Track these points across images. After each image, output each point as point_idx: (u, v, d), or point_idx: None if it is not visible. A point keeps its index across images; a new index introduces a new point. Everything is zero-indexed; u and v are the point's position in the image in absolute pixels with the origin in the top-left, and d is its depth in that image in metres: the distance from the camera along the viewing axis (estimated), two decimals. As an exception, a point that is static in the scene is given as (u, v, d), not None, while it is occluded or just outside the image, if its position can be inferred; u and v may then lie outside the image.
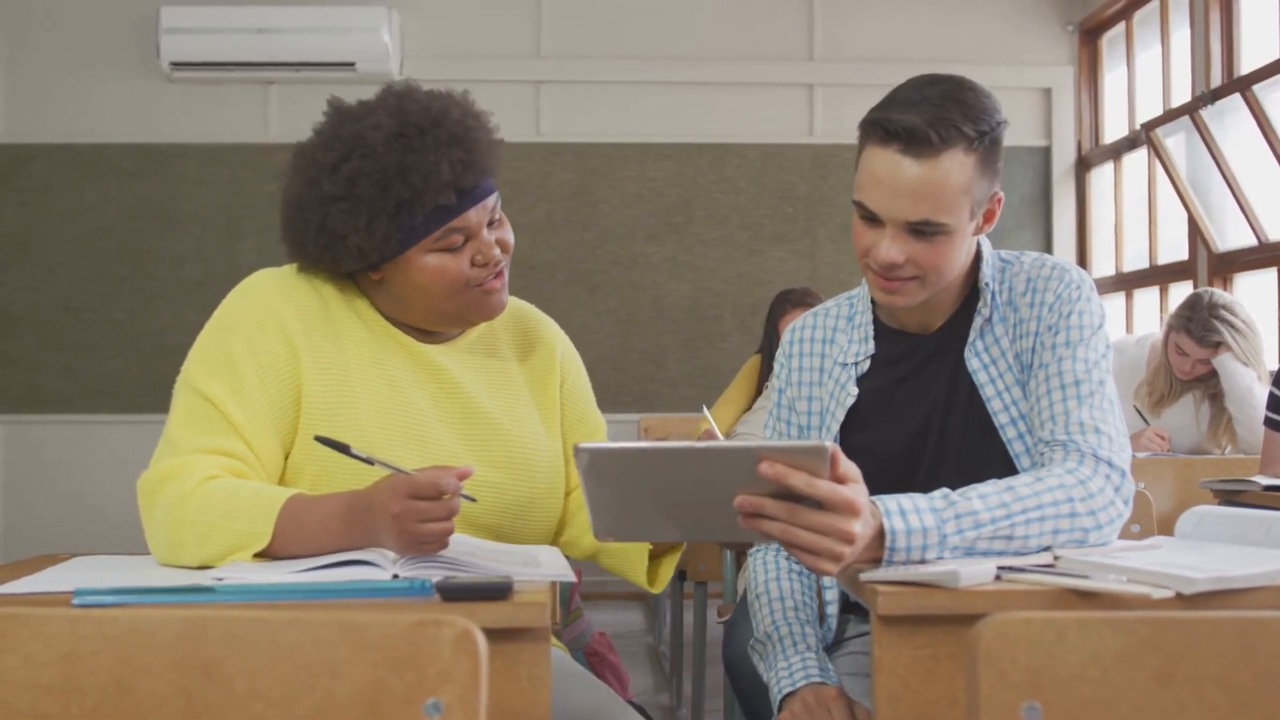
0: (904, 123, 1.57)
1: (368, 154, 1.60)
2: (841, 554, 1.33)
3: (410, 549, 1.42)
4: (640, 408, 5.98)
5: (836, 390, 1.76)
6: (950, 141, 1.57)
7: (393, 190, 1.59)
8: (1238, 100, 4.69)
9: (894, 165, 1.58)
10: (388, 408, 1.65)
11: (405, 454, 1.62)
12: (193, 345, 1.67)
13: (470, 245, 1.65)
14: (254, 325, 1.64)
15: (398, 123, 1.62)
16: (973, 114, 1.58)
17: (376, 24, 5.70)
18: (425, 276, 1.64)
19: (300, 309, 1.66)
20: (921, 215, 1.59)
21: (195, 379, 1.62)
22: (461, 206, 1.63)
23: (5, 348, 5.91)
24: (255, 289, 1.68)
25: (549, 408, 1.80)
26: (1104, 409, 1.61)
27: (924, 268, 1.62)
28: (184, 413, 1.61)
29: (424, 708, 0.95)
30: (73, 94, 5.93)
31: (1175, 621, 1.00)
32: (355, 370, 1.66)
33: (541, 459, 1.75)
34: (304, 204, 1.64)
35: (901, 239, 1.61)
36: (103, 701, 0.96)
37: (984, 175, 1.61)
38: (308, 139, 1.68)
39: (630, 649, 4.76)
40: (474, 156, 1.64)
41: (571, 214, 6.01)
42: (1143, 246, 5.66)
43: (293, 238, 1.68)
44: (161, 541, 1.55)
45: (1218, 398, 3.88)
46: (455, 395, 1.71)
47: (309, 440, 1.61)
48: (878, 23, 6.07)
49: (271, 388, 1.62)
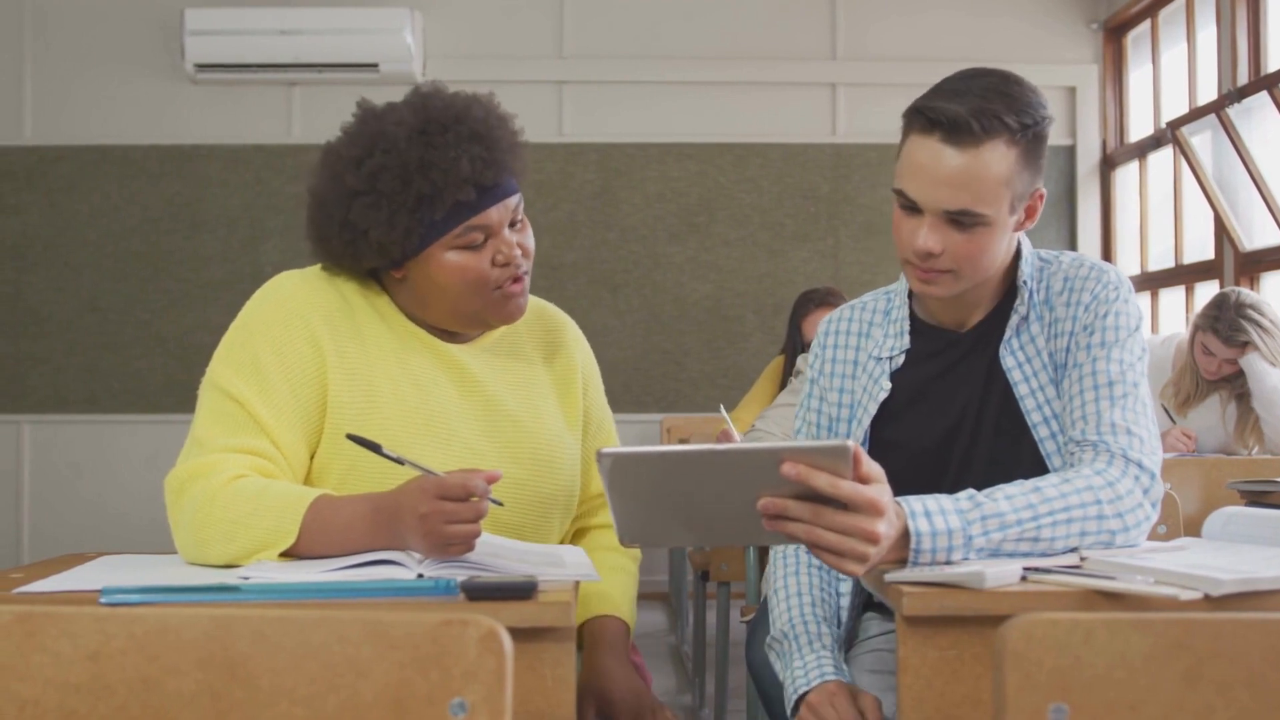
0: (947, 112, 1.57)
1: (390, 149, 1.61)
2: (866, 554, 1.33)
3: (436, 550, 1.42)
4: (662, 408, 5.98)
5: (869, 384, 1.76)
6: (992, 132, 1.57)
7: (413, 185, 1.60)
8: (1264, 98, 4.66)
9: (935, 154, 1.59)
10: (412, 406, 1.66)
11: (430, 451, 1.63)
12: (217, 346, 1.68)
13: (491, 244, 1.66)
14: (279, 325, 1.64)
15: (420, 119, 1.63)
16: (1017, 106, 1.58)
17: (399, 25, 5.71)
18: (445, 274, 1.64)
19: (324, 309, 1.67)
20: (961, 205, 1.59)
21: (221, 379, 1.63)
22: (482, 204, 1.64)
23: (31, 348, 5.95)
24: (279, 290, 1.69)
25: (572, 408, 1.81)
26: (1137, 411, 1.60)
27: (960, 259, 1.62)
28: (210, 412, 1.62)
29: (449, 707, 0.95)
30: (98, 96, 5.97)
31: (1203, 623, 0.99)
32: (379, 369, 1.66)
33: (563, 456, 1.75)
34: (328, 200, 1.65)
35: (940, 229, 1.61)
36: (129, 699, 0.97)
37: (1026, 169, 1.61)
38: (336, 138, 1.70)
39: (653, 649, 4.76)
40: (494, 154, 1.65)
41: (594, 214, 6.01)
42: (1168, 245, 5.63)
43: (317, 234, 1.69)
44: (188, 539, 1.56)
45: (1244, 398, 3.85)
46: (478, 393, 1.71)
47: (335, 440, 1.62)
48: (901, 22, 6.05)
49: (298, 387, 1.62)
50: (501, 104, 1.74)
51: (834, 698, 1.59)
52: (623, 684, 1.65)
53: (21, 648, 0.97)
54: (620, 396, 5.91)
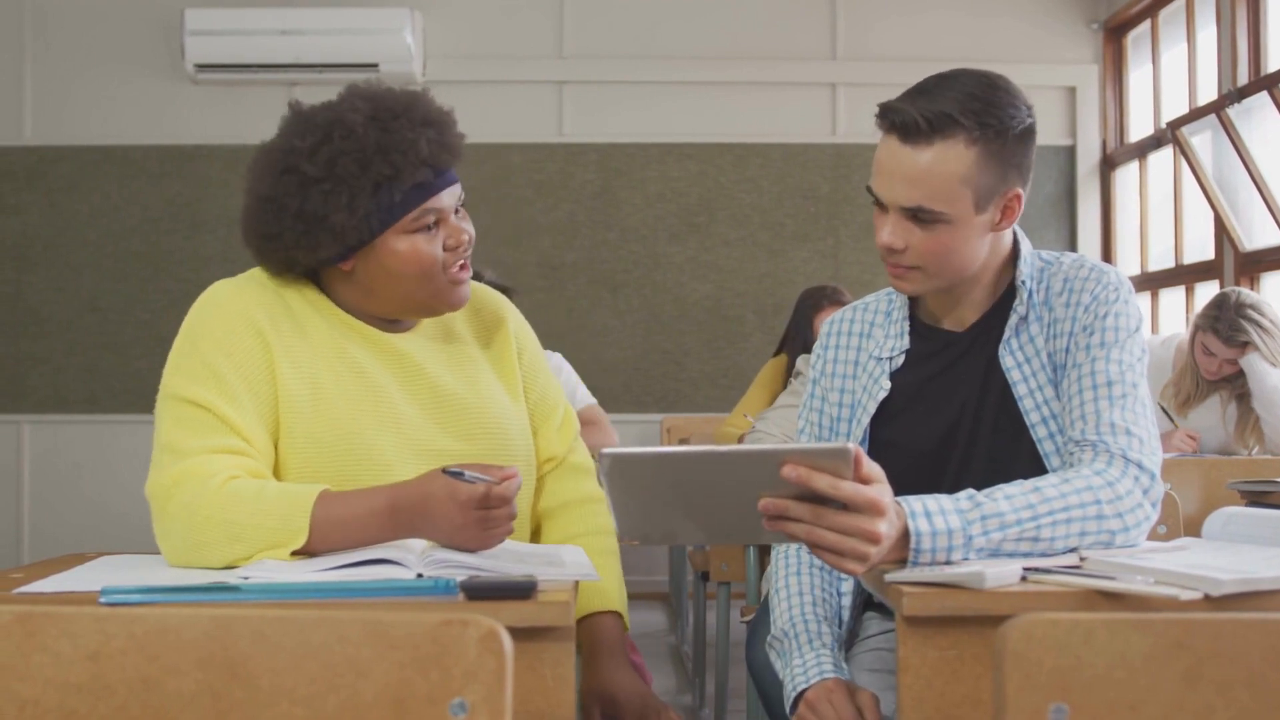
0: (900, 113, 1.61)
1: (347, 135, 1.64)
2: (867, 554, 1.33)
3: (464, 549, 1.47)
4: (662, 408, 5.98)
5: (869, 384, 1.77)
6: (944, 131, 1.60)
7: (373, 168, 1.63)
8: (1264, 99, 4.66)
9: (893, 153, 1.63)
10: (356, 396, 1.67)
11: (381, 438, 1.65)
12: (166, 363, 1.68)
13: (442, 228, 1.69)
14: (223, 328, 1.66)
15: (373, 106, 1.67)
16: (978, 107, 1.60)
17: (399, 25, 5.71)
18: (399, 261, 1.66)
19: (265, 307, 1.69)
20: (915, 201, 1.62)
21: (178, 389, 1.64)
22: (437, 186, 1.67)
23: (31, 348, 5.95)
24: (217, 295, 1.71)
25: (511, 379, 1.83)
26: (1136, 411, 1.61)
27: (924, 256, 1.65)
28: (175, 421, 1.62)
29: (449, 707, 0.95)
30: (98, 96, 5.97)
31: (1203, 623, 0.99)
32: (322, 362, 1.68)
33: (512, 428, 1.77)
34: (278, 194, 1.66)
35: (901, 225, 1.65)
36: (130, 699, 0.97)
37: (990, 169, 1.62)
38: (273, 138, 1.71)
39: (653, 649, 4.76)
40: (446, 138, 1.68)
41: (594, 214, 6.01)
42: (1168, 246, 5.63)
43: (264, 231, 1.68)
44: (181, 543, 1.55)
45: (1245, 398, 3.85)
46: (420, 378, 1.73)
47: (291, 434, 1.64)
48: (901, 22, 6.05)
49: (254, 384, 1.64)
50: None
51: (832, 694, 1.59)
52: (628, 688, 1.68)
53: (22, 648, 0.97)
54: (620, 396, 5.91)
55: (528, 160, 5.90)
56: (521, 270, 5.69)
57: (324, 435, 1.63)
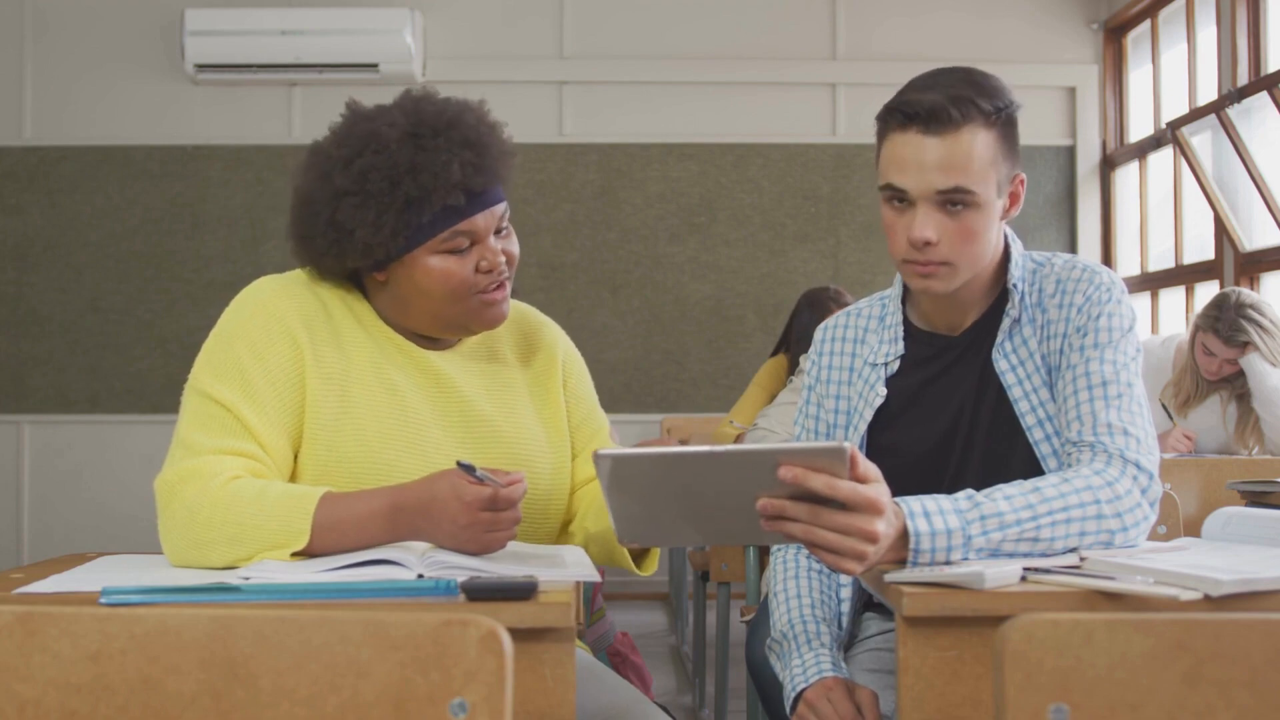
0: (923, 103, 1.61)
1: (380, 150, 1.62)
2: (865, 553, 1.33)
3: (468, 552, 1.46)
4: (663, 408, 5.98)
5: (865, 390, 1.77)
6: (969, 116, 1.61)
7: (402, 187, 1.61)
8: (1264, 99, 4.66)
9: (918, 145, 1.62)
10: (385, 412, 1.66)
11: (404, 457, 1.64)
12: (199, 353, 1.68)
13: (476, 250, 1.66)
14: (259, 330, 1.65)
15: (412, 122, 1.64)
16: (986, 92, 1.63)
17: (400, 26, 5.71)
18: (429, 279, 1.64)
19: (302, 313, 1.67)
20: (953, 182, 1.61)
21: (204, 385, 1.63)
22: (470, 209, 1.64)
23: (33, 348, 5.96)
24: (258, 294, 1.69)
25: (553, 409, 1.80)
26: (1132, 411, 1.61)
27: (955, 246, 1.63)
28: (195, 416, 1.62)
29: (449, 707, 0.95)
30: (99, 97, 5.97)
31: (1203, 623, 0.99)
32: (354, 374, 1.67)
33: (542, 462, 1.75)
34: (315, 198, 1.65)
35: (933, 215, 1.63)
36: (130, 700, 0.97)
37: (1004, 153, 1.65)
38: (324, 137, 1.70)
39: (653, 649, 4.76)
40: (485, 161, 1.65)
41: (594, 214, 6.01)
42: (1168, 246, 5.63)
43: (301, 232, 1.68)
44: (183, 542, 1.55)
45: (1245, 398, 3.85)
46: (454, 400, 1.71)
47: (314, 443, 1.63)
48: (901, 22, 6.05)
49: (280, 389, 1.63)
50: (492, 111, 1.74)
51: (830, 693, 1.60)
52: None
53: (22, 648, 0.97)
54: (620, 396, 5.91)
55: (528, 160, 5.89)
56: (522, 270, 5.63)
57: (346, 448, 1.62)
